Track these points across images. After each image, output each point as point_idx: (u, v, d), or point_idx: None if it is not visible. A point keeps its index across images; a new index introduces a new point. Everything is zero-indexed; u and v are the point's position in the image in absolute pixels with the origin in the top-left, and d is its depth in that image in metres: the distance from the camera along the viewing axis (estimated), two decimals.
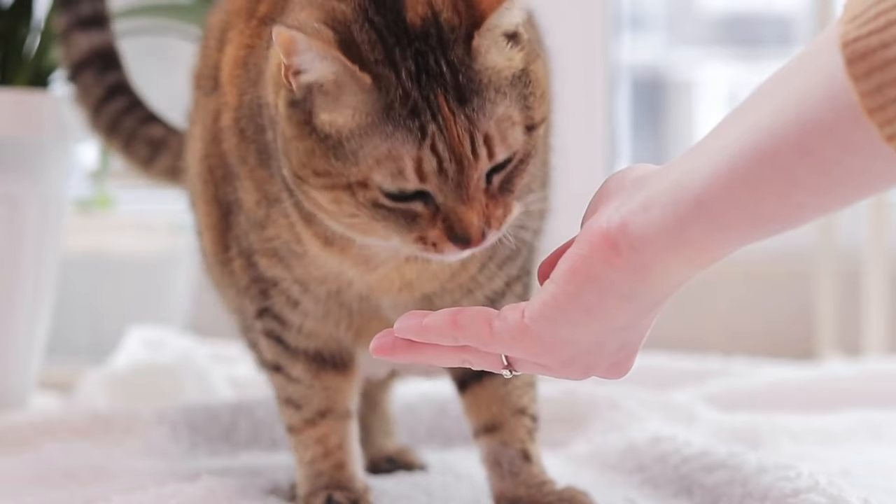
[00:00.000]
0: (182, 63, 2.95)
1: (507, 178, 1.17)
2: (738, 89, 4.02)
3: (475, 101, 1.13)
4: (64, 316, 2.89)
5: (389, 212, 1.16)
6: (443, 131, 1.12)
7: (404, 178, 1.13)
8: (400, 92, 1.13)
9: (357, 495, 1.45)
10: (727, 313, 3.24)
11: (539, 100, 1.19)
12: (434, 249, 1.17)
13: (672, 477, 1.62)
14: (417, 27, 1.15)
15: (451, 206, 1.14)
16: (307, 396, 1.47)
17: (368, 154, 1.13)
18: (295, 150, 1.19)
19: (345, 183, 1.16)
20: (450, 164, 1.13)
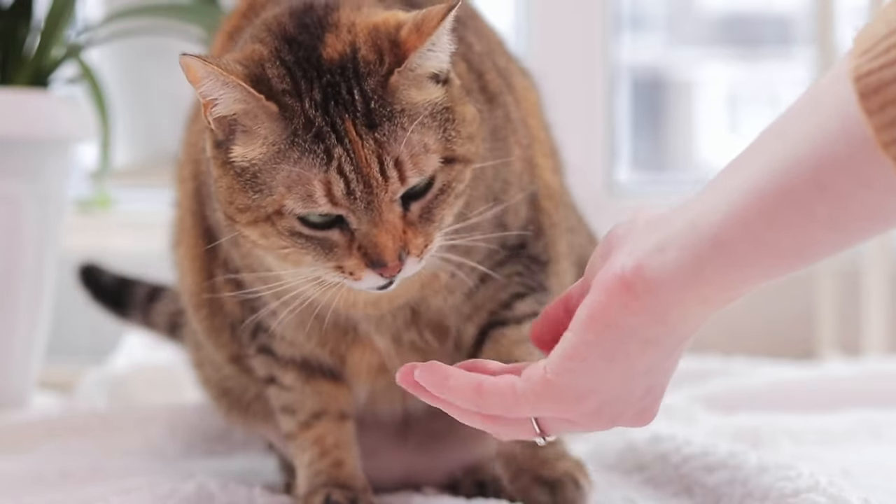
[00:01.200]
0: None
1: (426, 208, 1.22)
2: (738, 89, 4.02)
3: (385, 126, 1.19)
4: (64, 316, 2.89)
5: (308, 240, 1.21)
6: (349, 154, 1.17)
7: (314, 201, 1.18)
8: (303, 121, 1.19)
9: (356, 493, 1.45)
10: (727, 313, 3.22)
11: (464, 139, 1.24)
12: (352, 278, 1.21)
13: (672, 476, 1.62)
14: (334, 62, 1.21)
15: (365, 231, 1.19)
16: (300, 401, 1.49)
17: (280, 182, 1.19)
18: (220, 189, 1.25)
19: (264, 215, 1.21)
20: (357, 186, 1.17)
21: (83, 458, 1.80)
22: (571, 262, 1.57)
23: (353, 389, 1.50)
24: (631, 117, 3.70)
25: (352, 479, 1.47)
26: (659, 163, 3.89)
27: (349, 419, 1.49)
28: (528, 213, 1.45)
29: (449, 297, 1.41)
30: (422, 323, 1.43)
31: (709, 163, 3.92)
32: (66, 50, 2.34)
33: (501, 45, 1.55)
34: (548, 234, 1.48)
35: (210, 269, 1.52)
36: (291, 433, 1.50)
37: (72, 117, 2.27)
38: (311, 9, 1.27)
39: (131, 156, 3.04)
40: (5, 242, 2.21)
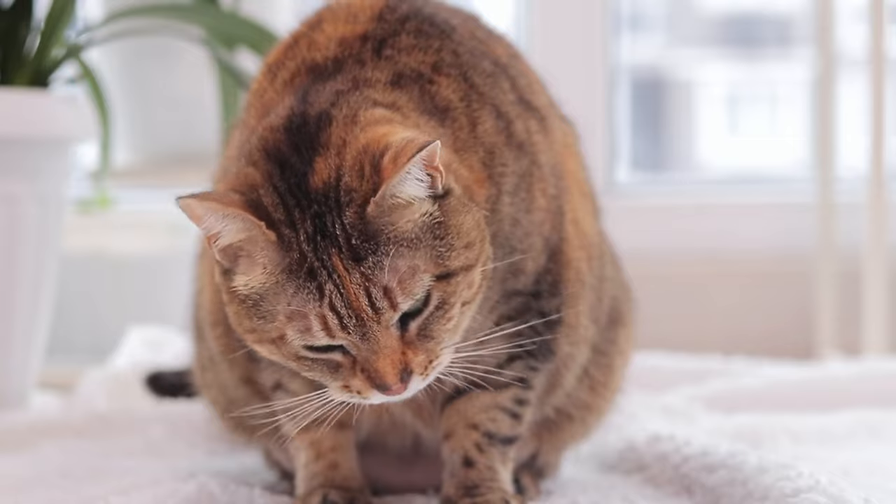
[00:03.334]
0: (182, 63, 2.96)
1: (424, 325, 1.26)
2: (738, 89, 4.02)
3: (370, 259, 1.22)
4: (64, 316, 2.89)
5: (314, 362, 1.27)
6: (339, 290, 1.22)
7: (312, 335, 1.23)
8: (297, 254, 1.23)
9: (353, 494, 1.46)
10: (727, 313, 3.24)
11: (461, 250, 1.26)
12: (360, 396, 1.27)
13: (672, 476, 1.62)
14: (319, 190, 1.25)
15: (364, 357, 1.24)
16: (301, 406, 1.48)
17: (280, 312, 1.24)
18: (230, 313, 1.30)
19: (269, 338, 1.27)
20: (350, 320, 1.22)
21: (83, 458, 1.80)
22: (601, 314, 1.58)
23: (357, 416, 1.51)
24: (631, 117, 3.70)
25: (349, 480, 1.48)
26: (659, 163, 3.88)
27: (348, 427, 1.50)
28: (546, 262, 1.46)
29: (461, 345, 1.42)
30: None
31: (709, 163, 3.92)
32: (66, 50, 2.34)
33: (542, 84, 1.56)
34: (567, 294, 1.48)
35: None
36: (290, 435, 1.51)
37: (72, 117, 2.27)
38: (305, 125, 1.29)
39: (131, 156, 3.04)
40: (5, 242, 2.21)
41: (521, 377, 1.46)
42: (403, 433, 1.54)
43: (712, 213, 3.31)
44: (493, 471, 1.45)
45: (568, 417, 1.61)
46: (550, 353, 1.48)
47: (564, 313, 1.48)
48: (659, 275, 3.18)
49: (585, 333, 1.53)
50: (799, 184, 3.39)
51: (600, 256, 1.57)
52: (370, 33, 1.41)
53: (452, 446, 1.46)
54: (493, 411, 1.46)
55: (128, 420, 2.00)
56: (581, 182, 1.57)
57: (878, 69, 2.86)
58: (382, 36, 1.41)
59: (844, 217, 3.12)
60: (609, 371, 1.62)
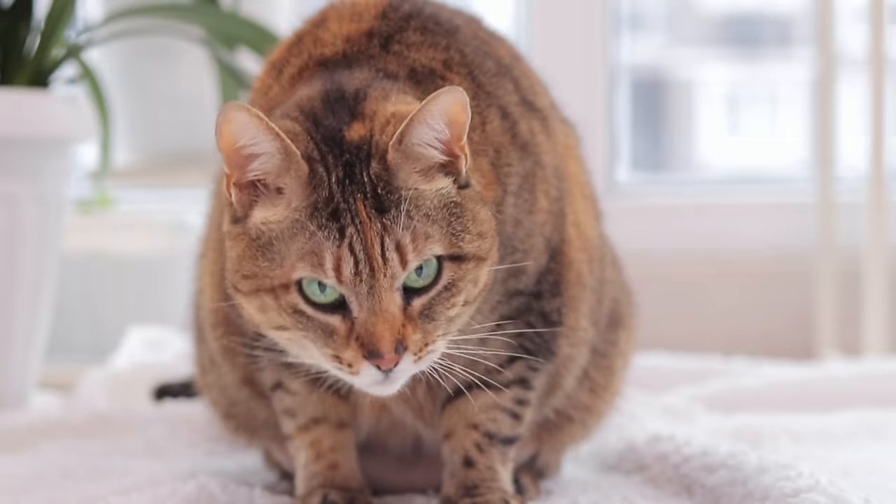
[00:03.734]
0: (182, 63, 2.96)
1: (429, 305, 1.27)
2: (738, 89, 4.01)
3: (392, 211, 1.26)
4: (64, 316, 2.89)
5: (309, 321, 1.27)
6: (359, 234, 1.24)
7: (323, 271, 1.24)
8: (326, 193, 1.26)
9: (353, 494, 1.46)
10: (727, 313, 3.24)
11: (474, 236, 1.29)
12: (350, 371, 1.26)
13: (672, 476, 1.62)
14: (354, 142, 1.28)
15: (364, 318, 1.24)
16: (301, 405, 1.50)
17: (292, 253, 1.25)
18: (230, 259, 1.31)
19: (269, 286, 1.27)
20: (364, 267, 1.24)
21: (83, 458, 1.80)
22: (601, 317, 1.58)
23: (358, 416, 1.52)
24: (631, 117, 3.70)
25: (348, 480, 1.48)
26: (659, 163, 3.88)
27: (348, 427, 1.51)
28: (548, 262, 1.46)
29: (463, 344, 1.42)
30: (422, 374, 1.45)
31: (709, 163, 3.92)
32: (67, 50, 2.34)
33: (543, 86, 1.57)
34: (568, 295, 1.49)
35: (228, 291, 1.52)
36: (290, 435, 1.51)
37: (72, 117, 2.26)
38: (342, 98, 1.34)
39: (131, 156, 3.04)
40: (5, 242, 2.21)
41: (522, 377, 1.47)
42: (404, 434, 1.54)
43: (712, 213, 3.31)
44: (494, 471, 1.46)
45: (568, 419, 1.61)
46: (551, 353, 1.48)
47: (565, 314, 1.48)
48: (659, 275, 3.18)
49: (585, 335, 1.53)
50: (799, 184, 3.39)
51: (601, 259, 1.57)
52: (375, 30, 1.44)
53: (452, 446, 1.47)
54: (493, 411, 1.47)
55: (128, 420, 2.00)
56: (583, 185, 1.57)
57: (878, 69, 2.86)
58: (388, 32, 1.43)
59: (844, 217, 3.12)
60: (609, 373, 1.62)
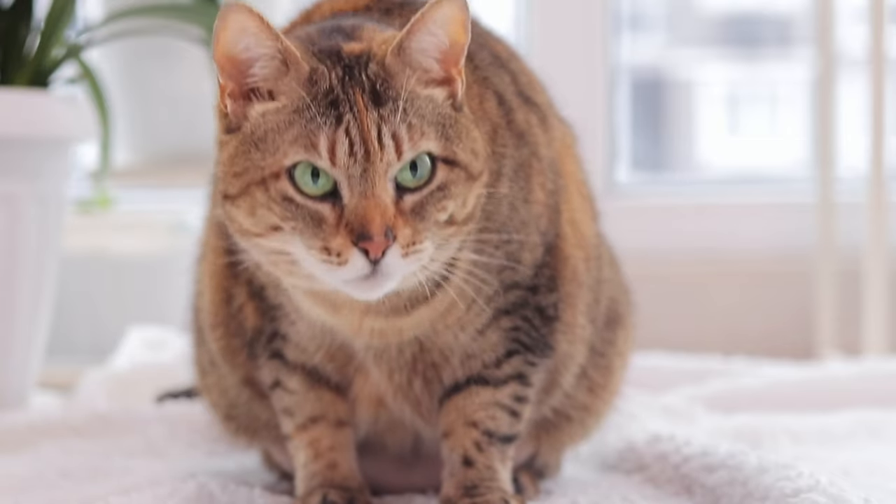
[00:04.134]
0: (182, 63, 2.96)
1: (420, 203, 1.28)
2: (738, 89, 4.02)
3: (389, 105, 1.28)
4: (64, 316, 2.89)
5: (298, 210, 1.27)
6: (356, 121, 1.26)
7: (317, 152, 1.26)
8: (326, 85, 1.28)
9: (352, 494, 1.46)
10: (727, 313, 3.24)
11: (468, 150, 1.31)
12: (339, 261, 1.25)
13: (672, 476, 1.62)
14: (353, 54, 1.31)
15: (355, 203, 1.25)
16: (300, 404, 1.50)
17: (287, 139, 1.27)
18: (221, 165, 1.32)
19: (260, 177, 1.28)
20: (359, 150, 1.25)
21: (83, 458, 1.80)
22: (598, 315, 1.58)
23: (356, 413, 1.52)
24: (631, 117, 3.70)
25: (348, 480, 1.48)
26: (659, 163, 3.88)
27: (347, 426, 1.51)
28: (543, 255, 1.47)
29: (460, 335, 1.43)
30: (420, 365, 1.46)
31: (709, 163, 3.92)
32: (67, 50, 2.34)
33: (541, 85, 1.58)
34: (564, 290, 1.49)
35: (228, 290, 1.53)
36: (289, 434, 1.52)
37: (72, 117, 2.26)
38: (339, 28, 1.37)
39: (131, 156, 3.04)
40: (5, 242, 2.21)
41: (520, 373, 1.47)
42: (403, 434, 1.54)
43: (712, 213, 3.31)
44: (493, 470, 1.46)
45: (566, 419, 1.61)
46: (548, 348, 1.48)
47: (562, 310, 1.49)
48: (659, 275, 3.18)
49: (583, 333, 1.53)
50: (799, 184, 3.39)
51: (598, 258, 1.57)
52: (373, 5, 1.47)
53: (452, 445, 1.47)
54: (492, 409, 1.46)
55: (128, 420, 1.99)
56: (580, 183, 1.58)
57: (878, 69, 2.86)
58: (387, 7, 1.46)
59: (844, 217, 3.12)
60: (608, 373, 1.62)
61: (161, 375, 2.33)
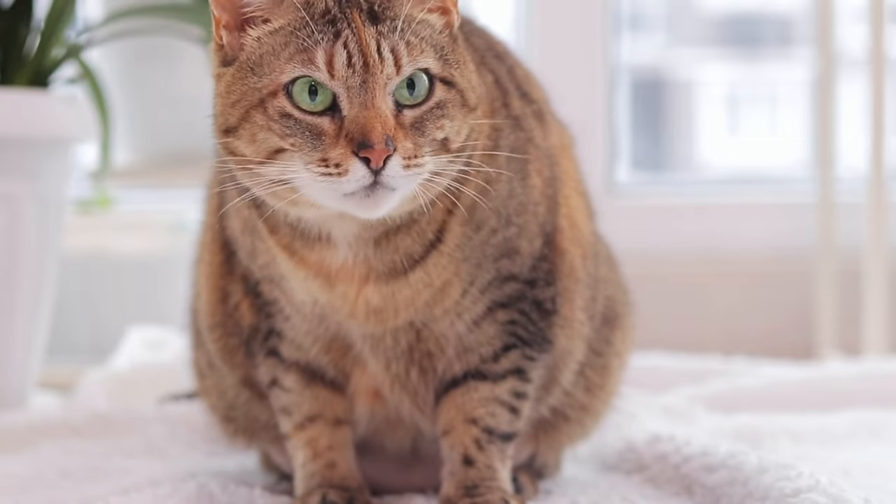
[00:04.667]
0: (182, 63, 2.96)
1: (420, 119, 1.29)
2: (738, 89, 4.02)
3: (387, 23, 1.29)
4: (64, 316, 2.89)
5: (297, 125, 1.27)
6: (354, 36, 1.26)
7: (315, 66, 1.26)
8: (322, 6, 1.28)
9: (352, 493, 1.46)
10: (727, 313, 3.24)
11: (464, 74, 1.32)
12: (338, 172, 1.24)
13: (672, 476, 1.62)
14: None
15: (355, 114, 1.26)
16: (297, 403, 1.50)
17: (283, 58, 1.28)
18: (219, 98, 1.32)
19: (258, 98, 1.28)
20: (358, 61, 1.26)
21: (83, 458, 1.80)
22: (595, 313, 1.58)
23: (353, 409, 1.51)
24: (631, 117, 3.70)
25: (347, 480, 1.48)
26: (659, 163, 3.88)
27: (345, 424, 1.51)
28: (542, 248, 1.47)
29: (456, 322, 1.43)
30: (416, 354, 1.45)
31: (709, 163, 3.92)
32: (67, 50, 2.34)
33: (538, 84, 1.58)
34: (562, 285, 1.49)
35: (224, 289, 1.53)
36: (287, 434, 1.52)
37: (72, 117, 2.26)
38: None
39: (131, 156, 3.04)
40: (5, 242, 2.21)
41: (519, 367, 1.47)
42: (401, 433, 1.54)
43: (712, 213, 3.32)
44: (493, 469, 1.46)
45: (564, 419, 1.61)
46: (547, 343, 1.48)
47: (560, 304, 1.49)
48: (659, 275, 3.18)
49: (581, 329, 1.53)
50: (799, 184, 3.39)
51: (595, 256, 1.57)
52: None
53: (451, 443, 1.47)
54: (491, 405, 1.46)
55: (128, 420, 1.99)
56: (577, 182, 1.58)
57: (878, 69, 2.86)
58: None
59: (844, 217, 3.12)
60: (605, 373, 1.62)
61: (161, 375, 2.32)
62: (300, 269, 1.40)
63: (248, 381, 1.58)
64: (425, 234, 1.37)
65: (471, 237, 1.39)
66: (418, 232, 1.37)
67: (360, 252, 1.37)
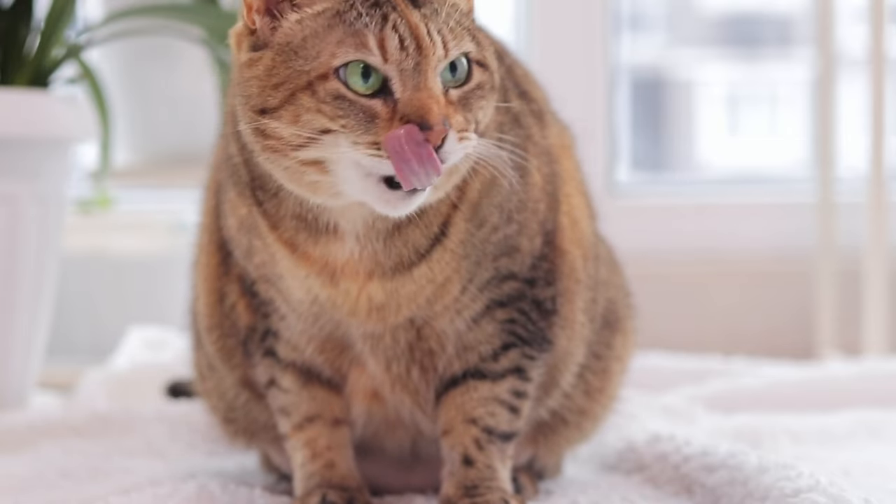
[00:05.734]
0: (182, 63, 2.96)
1: (465, 98, 1.30)
2: (738, 89, 4.02)
3: (427, 7, 1.30)
4: (64, 316, 2.89)
5: (351, 106, 1.26)
6: (401, 19, 1.27)
7: (368, 50, 1.26)
8: None
9: (352, 493, 1.46)
10: (727, 313, 3.24)
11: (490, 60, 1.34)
12: None
13: (672, 476, 1.62)
14: None
15: (409, 97, 1.26)
16: (295, 403, 1.50)
17: (331, 41, 1.27)
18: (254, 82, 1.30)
19: (305, 81, 1.27)
20: (410, 44, 1.26)
21: (83, 458, 1.80)
22: (596, 315, 1.58)
23: (351, 409, 1.51)
24: (631, 117, 3.70)
25: (346, 480, 1.48)
26: (659, 163, 3.89)
27: (344, 424, 1.51)
28: (542, 246, 1.47)
29: (455, 319, 1.43)
30: (417, 353, 1.45)
31: (709, 163, 3.92)
32: (67, 50, 2.34)
33: (536, 83, 1.59)
34: (562, 285, 1.49)
35: (221, 290, 1.53)
36: (286, 434, 1.52)
37: (72, 117, 2.27)
38: None
39: (131, 156, 3.04)
40: (5, 242, 2.21)
41: (518, 366, 1.47)
42: (401, 434, 1.54)
43: (712, 213, 3.32)
44: (493, 469, 1.46)
45: (563, 422, 1.61)
46: (547, 342, 1.48)
47: (560, 304, 1.49)
48: (659, 275, 3.18)
49: (582, 330, 1.53)
50: (799, 184, 3.39)
51: (595, 258, 1.57)
52: None
53: (451, 443, 1.47)
54: (491, 404, 1.46)
55: (128, 420, 2.00)
56: (578, 181, 1.58)
57: (878, 69, 2.86)
58: None
59: (844, 217, 3.12)
60: (605, 376, 1.62)
61: (161, 375, 2.32)
62: (301, 265, 1.39)
63: (247, 382, 1.58)
64: (431, 228, 1.38)
65: (473, 234, 1.39)
66: (426, 224, 1.37)
67: (367, 245, 1.37)
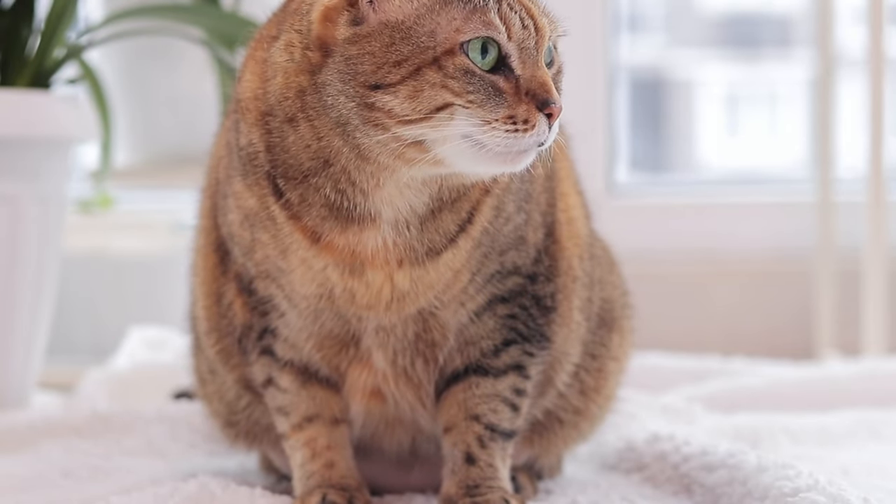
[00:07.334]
0: (182, 63, 2.96)
1: (554, 79, 1.34)
2: (737, 89, 4.02)
3: None
4: (64, 316, 2.90)
5: (480, 81, 1.29)
6: (515, 1, 1.32)
7: (495, 27, 1.30)
8: None
9: (351, 493, 1.47)
10: (727, 313, 3.24)
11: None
12: (525, 126, 1.29)
13: (672, 476, 1.62)
14: None
15: (530, 74, 1.31)
16: (294, 403, 1.50)
17: (450, 20, 1.30)
18: (367, 57, 1.30)
19: (432, 56, 1.29)
20: (530, 24, 1.32)
21: (83, 458, 1.80)
22: (591, 314, 1.59)
23: (349, 409, 1.51)
24: (631, 117, 3.70)
25: (346, 479, 1.48)
26: (659, 163, 3.89)
27: (343, 424, 1.51)
28: (544, 239, 1.48)
29: (459, 311, 1.43)
30: (420, 344, 1.45)
31: (709, 163, 3.92)
32: (67, 50, 2.34)
33: None
34: (560, 282, 1.50)
35: (218, 291, 1.53)
36: (285, 434, 1.52)
37: (72, 118, 2.27)
38: None
39: (131, 156, 3.04)
40: (6, 242, 2.21)
41: (518, 363, 1.47)
42: (400, 434, 1.54)
43: (712, 213, 3.32)
44: (494, 468, 1.46)
45: (559, 421, 1.61)
46: (546, 339, 1.49)
47: (559, 301, 1.50)
48: (658, 275, 3.18)
49: (578, 329, 1.54)
50: (799, 184, 3.39)
51: (591, 258, 1.58)
52: None
53: (453, 440, 1.47)
54: (493, 401, 1.47)
55: (128, 420, 2.00)
56: (575, 181, 1.59)
57: (877, 69, 2.86)
58: None
59: (844, 217, 3.12)
60: (601, 376, 1.63)
61: (161, 375, 2.33)
62: (321, 256, 1.39)
63: (246, 383, 1.58)
64: (461, 213, 1.39)
65: (492, 222, 1.41)
66: (458, 209, 1.39)
67: (403, 232, 1.38)
